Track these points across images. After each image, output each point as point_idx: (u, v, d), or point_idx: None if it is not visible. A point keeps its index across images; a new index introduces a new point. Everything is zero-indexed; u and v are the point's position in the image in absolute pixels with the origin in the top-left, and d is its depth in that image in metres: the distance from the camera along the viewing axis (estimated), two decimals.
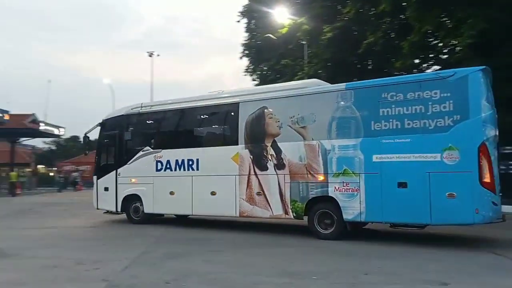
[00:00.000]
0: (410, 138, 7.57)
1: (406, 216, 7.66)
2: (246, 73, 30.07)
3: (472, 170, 7.01)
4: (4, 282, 5.15)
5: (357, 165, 8.02)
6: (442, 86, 7.40)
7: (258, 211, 9.12)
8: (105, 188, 11.59)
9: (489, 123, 7.23)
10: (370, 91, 8.22)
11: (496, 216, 7.24)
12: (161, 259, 6.48)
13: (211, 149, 9.98)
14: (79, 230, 10.31)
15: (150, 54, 37.84)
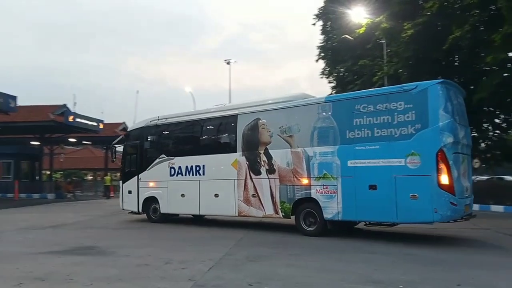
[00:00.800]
0: (379, 145, 8.44)
1: (376, 215, 8.61)
2: (322, 75, 29.74)
3: (431, 173, 7.79)
4: (104, 277, 5.50)
5: (334, 170, 9.00)
6: (406, 98, 8.24)
7: (253, 211, 10.25)
8: (128, 191, 13.10)
9: (447, 131, 7.90)
10: (345, 103, 9.20)
11: (456, 215, 8.01)
12: (243, 262, 6.57)
13: (215, 156, 11.19)
14: (167, 231, 10.81)
15: (227, 61, 38.99)
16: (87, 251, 7.66)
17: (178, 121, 12.55)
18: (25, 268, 6.12)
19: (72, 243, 8.65)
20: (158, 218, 12.29)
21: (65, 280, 5.39)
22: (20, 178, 26.66)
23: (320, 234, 9.16)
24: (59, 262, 6.57)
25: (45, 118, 24.43)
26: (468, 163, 9.21)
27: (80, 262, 6.58)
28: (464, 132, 8.82)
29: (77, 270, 5.99)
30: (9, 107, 20.02)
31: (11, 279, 5.41)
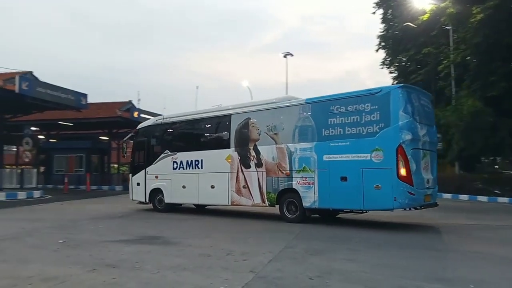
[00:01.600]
0: (349, 141, 9.51)
1: (347, 203, 9.76)
2: (383, 65, 28.78)
3: (391, 166, 8.80)
4: (170, 266, 5.71)
5: (312, 163, 10.07)
6: (372, 100, 9.26)
7: (243, 200, 11.36)
8: (137, 183, 14.30)
9: (405, 129, 8.90)
10: (322, 105, 10.19)
11: (414, 204, 9.10)
12: (302, 255, 6.56)
13: (211, 152, 12.32)
14: (226, 223, 11.10)
15: (285, 55, 38.86)
16: (153, 241, 8.03)
17: (180, 120, 13.90)
18: (98, 255, 6.54)
19: (138, 232, 9.12)
20: (163, 208, 13.44)
21: (134, 268, 5.69)
22: (91, 171, 28.49)
23: (300, 221, 10.22)
24: (127, 250, 6.95)
25: (113, 114, 25.90)
26: (431, 158, 10.12)
27: (147, 251, 6.91)
28: (425, 130, 9.72)
29: (144, 258, 6.30)
30: (80, 104, 21.44)
31: (86, 265, 5.80)
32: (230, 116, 12.00)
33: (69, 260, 6.15)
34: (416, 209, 9.43)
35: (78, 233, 9.10)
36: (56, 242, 7.66)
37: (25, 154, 22.05)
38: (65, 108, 21.62)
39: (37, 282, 4.94)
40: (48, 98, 19.46)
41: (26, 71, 19.62)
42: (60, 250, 7.00)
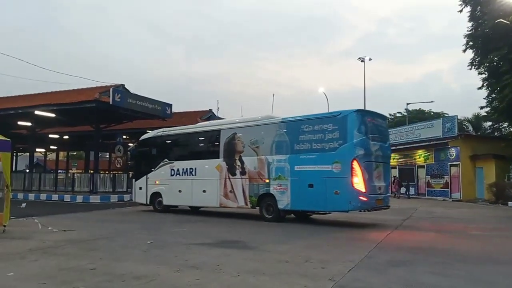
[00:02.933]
0: (315, 155, 11.34)
1: (313, 205, 11.61)
2: (470, 66, 26.81)
3: (347, 176, 10.64)
4: (249, 270, 5.86)
5: (286, 172, 11.91)
6: (333, 121, 11.17)
7: (230, 203, 13.25)
8: (139, 187, 16.24)
9: (359, 146, 10.75)
10: (295, 123, 12.06)
11: (366, 207, 10.86)
12: (385, 266, 6.32)
13: (203, 161, 14.21)
14: (303, 230, 11.03)
15: (362, 59, 37.92)
16: (233, 245, 8.26)
17: (177, 133, 15.95)
18: (182, 256, 6.89)
19: (219, 236, 9.44)
20: (162, 209, 15.36)
21: (215, 270, 5.90)
22: None
23: (276, 220, 12.04)
24: (209, 253, 7.22)
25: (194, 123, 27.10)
26: (384, 169, 11.91)
27: (227, 254, 7.13)
28: (378, 146, 11.54)
29: (225, 261, 6.50)
30: (166, 113, 22.78)
31: (172, 265, 6.14)
32: (219, 131, 13.94)
33: (156, 260, 6.55)
34: (369, 211, 11.30)
35: (164, 235, 9.66)
36: (144, 243, 8.20)
37: (117, 160, 23.89)
38: (152, 118, 23.12)
39: (129, 279, 5.33)
40: (138, 109, 20.98)
41: (118, 84, 21.31)
42: (149, 250, 7.49)
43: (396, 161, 31.76)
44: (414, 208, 18.62)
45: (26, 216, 12.67)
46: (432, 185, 27.66)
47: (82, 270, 5.80)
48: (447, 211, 17.65)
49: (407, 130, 31.96)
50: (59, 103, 20.91)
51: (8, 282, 5.17)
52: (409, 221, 13.35)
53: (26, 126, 25.51)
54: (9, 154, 9.89)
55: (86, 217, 13.70)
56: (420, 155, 29.11)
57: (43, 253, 7.15)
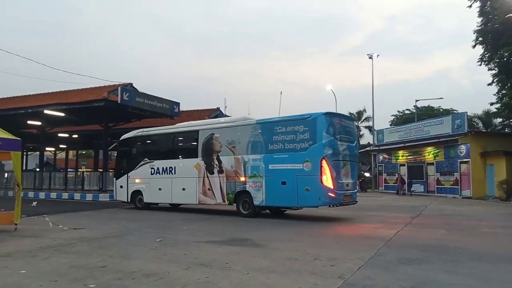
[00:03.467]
0: (287, 154, 12.07)
1: (286, 202, 12.32)
2: (480, 62, 26.53)
3: (317, 174, 11.37)
4: (258, 268, 5.86)
5: (261, 171, 12.62)
6: (304, 123, 11.89)
7: (208, 200, 13.89)
8: (120, 186, 16.63)
9: (327, 146, 11.52)
10: (269, 125, 12.78)
11: (334, 202, 11.75)
12: (394, 264, 6.28)
13: (183, 160, 14.89)
14: (312, 227, 11.08)
15: (370, 56, 37.74)
16: (241, 242, 8.28)
17: (157, 133, 16.39)
18: (191, 254, 6.91)
19: (228, 234, 9.45)
20: (142, 206, 15.82)
21: (225, 268, 5.91)
22: None
23: (252, 216, 12.72)
24: (218, 251, 7.24)
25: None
26: (352, 167, 12.68)
27: (236, 252, 7.14)
28: (346, 146, 12.30)
29: (234, 259, 6.51)
30: (173, 112, 22.84)
31: (181, 263, 6.17)
32: (198, 132, 14.49)
33: (166, 258, 6.58)
34: (337, 206, 12.33)
35: (173, 233, 9.70)
36: (154, 241, 8.25)
37: None
38: (160, 116, 23.19)
39: (139, 277, 5.36)
40: (146, 107, 21.05)
41: (126, 83, 21.40)
42: (158, 248, 7.52)
43: (405, 158, 31.55)
44: (424, 206, 18.49)
45: (37, 215, 12.80)
46: (441, 182, 27.43)
47: (92, 268, 5.85)
48: (457, 209, 17.49)
49: (416, 127, 31.72)
50: (68, 102, 21.08)
51: (20, 280, 5.22)
52: (419, 219, 13.26)
53: (36, 125, 25.73)
54: (19, 153, 9.98)
55: (96, 215, 13.80)
56: (430, 152, 28.87)
57: (54, 251, 7.22)
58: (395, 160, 32.81)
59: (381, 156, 34.95)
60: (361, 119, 58.93)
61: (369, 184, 36.74)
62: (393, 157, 33.20)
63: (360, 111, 58.68)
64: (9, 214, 9.87)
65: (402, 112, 58.10)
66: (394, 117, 58.45)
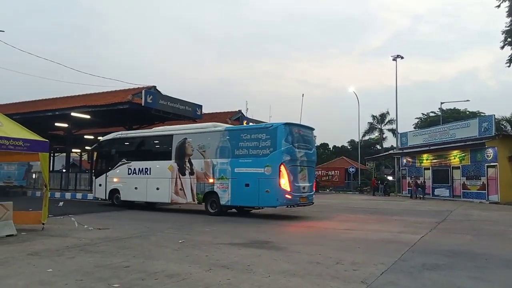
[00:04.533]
0: (251, 159, 13.29)
1: (249, 202, 13.61)
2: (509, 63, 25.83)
3: (276, 177, 12.70)
4: (280, 271, 5.86)
5: (227, 173, 13.81)
6: (266, 132, 13.32)
7: (180, 199, 15.09)
8: (99, 184, 17.72)
9: (286, 153, 12.85)
10: (235, 132, 14.27)
11: (291, 203, 13.21)
12: (419, 269, 6.16)
13: (157, 162, 15.91)
14: (334, 231, 10.93)
15: (394, 58, 37.21)
16: (262, 245, 8.26)
17: (135, 136, 17.77)
18: (213, 256, 6.95)
19: (249, 236, 9.46)
20: (119, 204, 16.79)
21: (246, 270, 5.92)
22: None
23: (219, 214, 13.86)
24: (239, 253, 7.26)
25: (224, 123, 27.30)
26: (309, 171, 14.14)
27: (257, 255, 7.15)
28: (304, 153, 13.66)
29: (255, 262, 6.52)
30: (196, 114, 23.08)
31: (203, 265, 6.21)
32: (172, 136, 15.61)
33: (188, 259, 6.65)
34: (294, 207, 13.92)
35: (195, 234, 9.78)
36: (176, 242, 8.34)
37: None
38: (183, 119, 23.47)
39: (162, 278, 5.42)
40: (169, 110, 21.36)
41: (150, 86, 21.79)
42: (180, 249, 7.60)
43: (430, 162, 30.92)
44: (449, 211, 18.08)
45: (63, 215, 13.12)
46: (468, 186, 26.75)
47: (116, 268, 5.96)
48: (484, 214, 17.03)
49: (442, 130, 31.07)
50: (94, 104, 21.59)
51: (47, 278, 5.36)
52: (444, 224, 12.97)
53: (63, 127, 26.42)
54: (47, 154, 10.25)
55: (119, 216, 14.03)
56: (455, 155, 28.22)
57: (79, 250, 7.38)
58: (419, 163, 32.19)
59: (405, 159, 34.35)
60: (384, 122, 58.22)
61: (392, 188, 36.16)
62: (417, 161, 32.58)
63: (383, 114, 57.99)
64: (37, 213, 10.15)
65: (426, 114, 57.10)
66: (418, 119, 57.50)
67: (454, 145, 27.92)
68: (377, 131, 60.58)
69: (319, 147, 62.02)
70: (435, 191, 29.60)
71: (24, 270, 5.81)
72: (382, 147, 59.08)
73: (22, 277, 5.39)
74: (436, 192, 29.31)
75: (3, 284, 5.09)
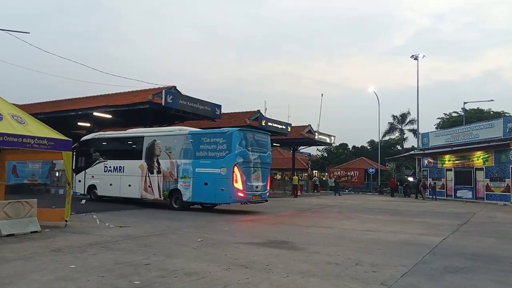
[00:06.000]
0: (210, 161, 14.81)
1: (207, 199, 15.15)
2: None
3: (230, 177, 14.18)
4: (298, 271, 5.86)
5: (189, 173, 15.19)
6: (224, 136, 14.83)
7: (148, 196, 16.51)
8: (79, 180, 18.89)
9: (239, 155, 14.37)
10: (197, 136, 15.64)
11: (243, 200, 14.72)
12: (440, 272, 6.06)
13: (130, 161, 17.26)
14: (354, 232, 10.84)
15: (415, 57, 36.65)
16: (281, 245, 8.25)
17: (111, 137, 19.24)
18: (232, 255, 6.98)
19: (267, 236, 9.46)
20: (96, 198, 18.07)
21: (265, 270, 5.93)
22: None
23: (181, 209, 15.18)
24: (258, 253, 7.27)
25: (243, 123, 27.30)
26: (263, 172, 15.56)
27: (275, 255, 7.14)
28: (257, 155, 15.15)
29: (274, 261, 6.52)
30: (215, 114, 23.19)
31: (222, 264, 6.25)
32: (143, 138, 17.13)
33: (207, 258, 6.69)
34: (246, 204, 15.24)
35: (214, 233, 9.83)
36: (195, 240, 8.41)
37: None
38: (203, 119, 23.61)
39: (181, 276, 5.48)
40: (189, 110, 21.50)
41: (170, 86, 21.94)
42: (199, 248, 7.66)
43: (452, 163, 30.34)
44: (472, 213, 17.69)
45: (85, 212, 13.38)
46: (491, 188, 26.13)
47: (137, 265, 6.04)
48: (509, 216, 16.61)
49: (465, 130, 30.44)
50: (115, 104, 21.89)
51: (70, 274, 5.48)
52: (467, 226, 12.71)
53: (85, 126, 26.90)
54: (70, 153, 10.48)
55: (139, 214, 14.23)
56: (479, 156, 27.60)
57: (101, 247, 7.52)
58: (441, 164, 31.62)
59: (426, 160, 33.78)
60: (405, 122, 57.40)
61: (413, 189, 35.59)
62: (438, 162, 32.01)
63: (404, 114, 57.22)
64: (60, 211, 10.39)
65: (449, 114, 56.03)
66: (440, 119, 56.49)
67: (478, 145, 27.32)
68: (397, 131, 59.84)
69: (338, 147, 61.62)
70: (457, 193, 29.04)
71: (48, 266, 5.95)
72: (402, 147, 58.28)
73: (46, 273, 5.52)
74: (458, 194, 28.75)
75: (29, 279, 5.23)
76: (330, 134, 37.90)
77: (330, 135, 37.79)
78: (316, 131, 35.84)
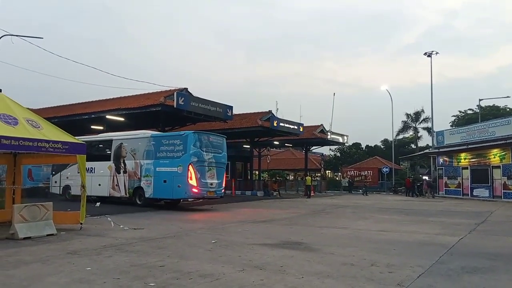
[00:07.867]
0: (168, 160, 16.48)
1: (166, 195, 16.74)
2: None
3: (185, 175, 15.76)
4: (313, 272, 5.80)
5: (151, 172, 16.90)
6: (180, 138, 16.58)
7: (116, 193, 18.01)
8: (55, 181, 20.40)
9: (194, 155, 15.99)
10: (158, 138, 17.38)
11: (198, 196, 16.50)
12: (458, 272, 5.95)
13: (100, 163, 18.50)
14: (369, 232, 10.73)
15: (428, 54, 36.25)
16: (295, 246, 8.20)
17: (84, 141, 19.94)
18: (246, 256, 6.96)
19: (281, 237, 9.42)
20: (70, 198, 18.66)
21: (279, 271, 5.89)
22: (236, 177, 30.41)
23: (144, 206, 16.72)
24: (272, 254, 7.23)
25: (254, 124, 27.37)
26: (217, 171, 17.04)
27: (290, 256, 7.10)
28: (212, 155, 16.73)
29: (288, 263, 6.48)
30: (227, 115, 23.24)
31: (236, 265, 6.23)
32: (111, 141, 18.72)
33: (221, 259, 6.68)
34: (200, 199, 17.40)
35: (228, 235, 9.82)
36: (209, 242, 8.41)
37: None
38: (214, 120, 23.69)
39: (196, 277, 5.48)
40: (201, 111, 21.60)
41: (182, 88, 22.08)
42: (213, 249, 7.65)
43: (468, 161, 29.89)
44: (489, 212, 17.39)
45: (100, 215, 13.49)
46: (509, 186, 25.66)
47: (152, 267, 6.06)
48: None
49: (480, 128, 29.95)
50: (128, 107, 22.09)
51: (86, 276, 5.52)
52: (484, 225, 12.48)
53: (99, 129, 27.21)
54: (84, 156, 10.58)
55: (153, 216, 14.29)
56: (495, 154, 27.14)
57: (116, 249, 7.57)
58: (457, 163, 31.18)
59: (441, 158, 33.34)
60: (419, 120, 56.73)
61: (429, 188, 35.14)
62: (454, 160, 31.56)
63: (417, 112, 56.55)
64: (75, 214, 10.49)
65: (464, 112, 55.25)
66: (455, 117, 55.71)
67: (494, 143, 26.85)
68: (411, 130, 59.17)
69: (351, 147, 61.23)
70: (474, 192, 28.59)
71: (64, 268, 6.00)
72: (417, 146, 57.62)
73: (62, 275, 5.57)
74: (475, 193, 28.32)
75: (45, 281, 5.28)
76: (343, 134, 37.68)
77: (343, 135, 37.57)
78: (328, 131, 35.68)
